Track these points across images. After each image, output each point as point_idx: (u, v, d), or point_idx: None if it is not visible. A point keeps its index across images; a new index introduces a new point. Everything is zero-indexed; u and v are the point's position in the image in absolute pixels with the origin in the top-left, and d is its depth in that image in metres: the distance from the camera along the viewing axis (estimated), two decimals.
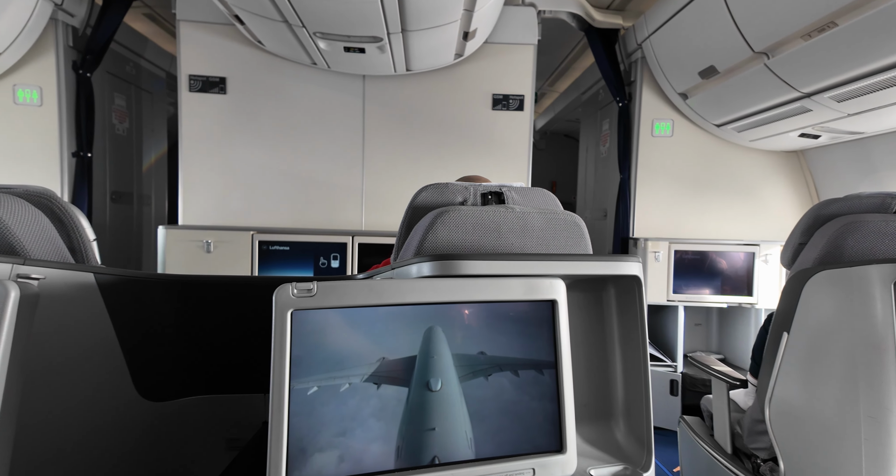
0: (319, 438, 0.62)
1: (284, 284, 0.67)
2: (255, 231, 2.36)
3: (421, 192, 0.99)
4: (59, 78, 2.37)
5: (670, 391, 2.61)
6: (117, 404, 0.95)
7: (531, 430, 0.63)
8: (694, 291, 2.61)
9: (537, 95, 3.19)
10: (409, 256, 0.86)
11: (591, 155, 3.71)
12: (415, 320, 0.67)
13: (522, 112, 2.65)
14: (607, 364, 0.86)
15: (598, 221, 3.43)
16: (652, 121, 2.77)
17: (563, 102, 4.29)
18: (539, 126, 5.29)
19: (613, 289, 0.86)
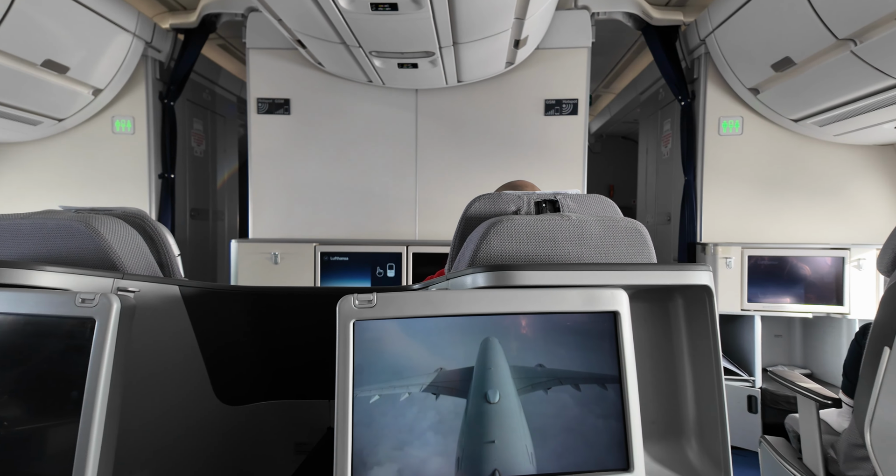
0: (381, 446, 0.63)
1: (347, 296, 0.70)
2: (318, 243, 2.48)
3: (474, 202, 0.99)
4: (148, 108, 2.65)
5: (748, 408, 2.40)
6: (199, 407, 1.03)
7: (595, 446, 0.61)
8: (772, 300, 2.40)
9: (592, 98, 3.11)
10: (463, 267, 0.87)
11: (651, 157, 3.55)
12: (471, 331, 0.67)
13: (576, 116, 2.60)
14: (676, 378, 0.81)
15: (660, 226, 3.26)
16: (719, 119, 2.61)
17: (619, 104, 4.15)
18: (594, 129, 5.14)
19: (681, 299, 0.81)
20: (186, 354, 1.01)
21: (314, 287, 2.36)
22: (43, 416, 0.67)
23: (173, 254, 1.11)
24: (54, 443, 0.66)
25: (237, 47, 3.39)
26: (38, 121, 2.37)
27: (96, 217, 0.94)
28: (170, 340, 0.98)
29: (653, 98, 3.40)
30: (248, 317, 1.11)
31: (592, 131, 5.17)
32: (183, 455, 0.99)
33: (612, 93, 4.36)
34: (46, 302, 0.70)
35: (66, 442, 0.64)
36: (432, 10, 1.66)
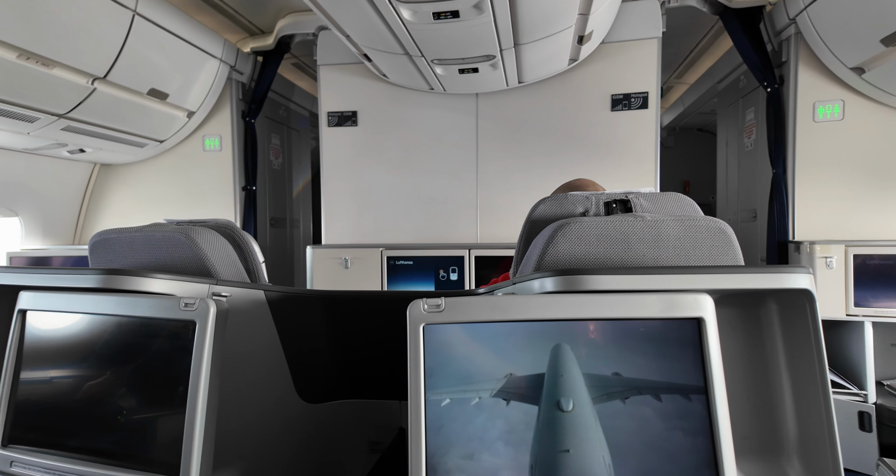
0: (453, 449, 0.64)
1: (417, 300, 0.71)
2: (384, 248, 2.56)
3: (539, 205, 0.98)
4: (232, 126, 2.90)
5: (860, 426, 2.12)
6: (283, 404, 1.11)
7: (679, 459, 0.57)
8: (885, 304, 2.11)
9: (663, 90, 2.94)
10: (528, 271, 0.85)
11: (732, 149, 3.28)
12: (540, 337, 0.66)
13: (647, 110, 2.47)
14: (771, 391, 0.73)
15: (744, 224, 3.00)
16: (813, 104, 2.35)
17: (694, 94, 3.87)
18: (666, 122, 4.84)
19: (775, 304, 0.74)
20: (271, 354, 1.09)
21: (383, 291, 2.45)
22: (155, 408, 0.76)
23: (258, 261, 1.20)
24: (164, 432, 0.74)
25: (309, 65, 3.61)
26: (144, 143, 2.69)
27: (194, 229, 1.04)
28: (256, 341, 1.06)
29: (732, 86, 3.14)
30: (324, 319, 1.17)
31: (664, 125, 4.88)
32: (269, 447, 1.06)
33: (685, 83, 4.08)
34: (156, 306, 0.79)
35: (175, 431, 0.71)
36: (493, 14, 1.66)
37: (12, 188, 2.53)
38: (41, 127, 2.10)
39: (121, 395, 0.79)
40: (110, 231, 1.08)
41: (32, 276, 0.88)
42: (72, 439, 0.78)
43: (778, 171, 2.42)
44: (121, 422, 0.77)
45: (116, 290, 0.82)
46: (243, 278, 1.11)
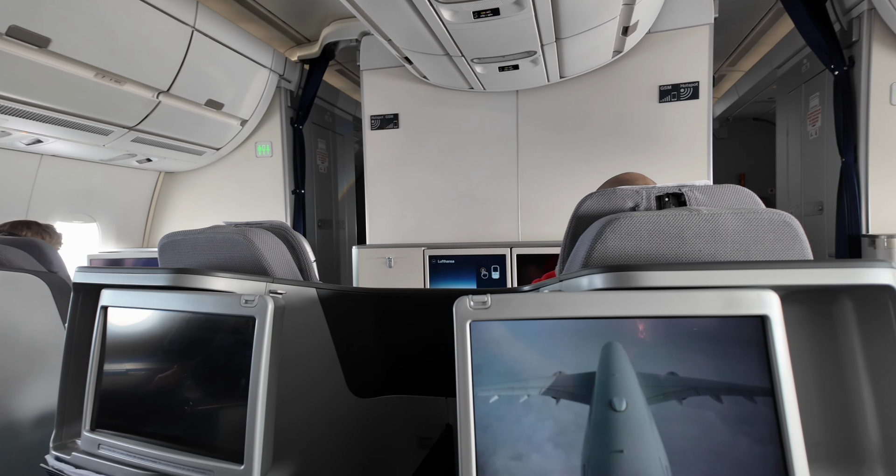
0: (503, 446, 0.64)
1: (463, 297, 0.72)
2: (426, 247, 2.59)
3: (585, 200, 0.96)
4: (282, 133, 3.03)
5: None
6: (334, 398, 1.15)
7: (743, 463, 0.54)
8: None
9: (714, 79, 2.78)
10: (575, 268, 0.84)
11: (794, 138, 3.06)
12: (590, 335, 0.65)
13: (698, 100, 2.35)
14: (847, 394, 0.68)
15: (809, 217, 2.79)
16: (890, 86, 2.16)
17: (749, 82, 3.65)
18: (718, 113, 4.59)
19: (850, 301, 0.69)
20: (323, 350, 1.13)
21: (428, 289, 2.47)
22: (220, 398, 0.81)
23: (310, 260, 1.25)
24: (229, 421, 0.78)
25: (352, 71, 3.71)
26: (202, 151, 2.86)
27: (251, 230, 1.10)
28: (309, 337, 1.10)
29: (794, 71, 2.93)
30: (372, 316, 1.20)
31: (716, 115, 4.62)
32: (323, 440, 1.10)
33: (738, 71, 3.86)
34: (219, 303, 0.84)
35: (238, 421, 0.76)
36: (534, 10, 1.64)
37: (91, 196, 2.77)
38: (114, 139, 2.29)
39: (189, 386, 0.84)
40: (176, 233, 1.16)
41: (112, 275, 0.96)
42: (148, 426, 0.84)
43: (848, 159, 2.24)
44: (190, 411, 0.83)
45: (184, 287, 0.88)
46: (296, 276, 1.16)
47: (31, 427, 1.44)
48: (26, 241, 1.61)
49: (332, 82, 3.83)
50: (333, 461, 1.12)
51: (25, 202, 2.41)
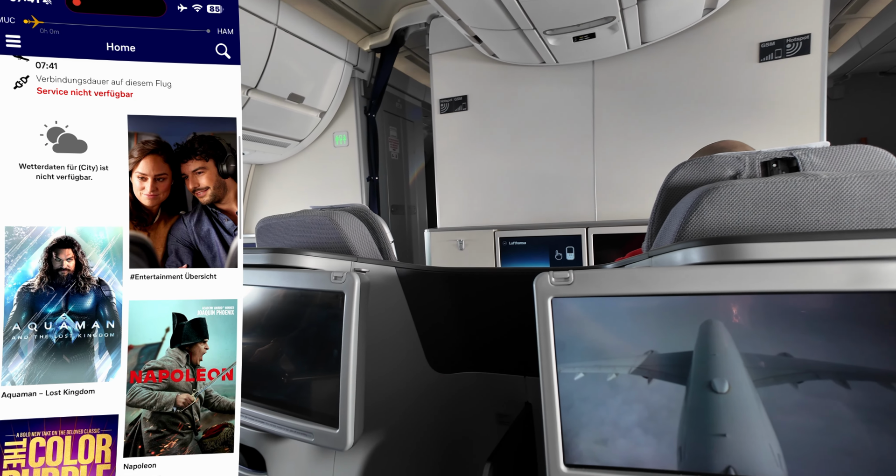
0: (589, 425, 0.62)
1: (543, 273, 0.71)
2: (497, 229, 2.57)
3: (677, 170, 0.89)
4: (357, 122, 3.14)
5: None
6: (415, 372, 1.19)
7: (883, 459, 0.48)
8: None
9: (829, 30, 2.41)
10: (666, 243, 0.79)
11: None
12: (687, 313, 0.61)
13: (808, 56, 2.06)
14: None
15: None
16: None
17: (874, 31, 3.13)
18: (832, 70, 4.00)
19: None
20: (403, 326, 1.18)
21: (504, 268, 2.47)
22: (316, 367, 0.87)
23: (388, 240, 1.30)
24: (324, 388, 0.85)
25: (421, 56, 3.73)
26: (286, 143, 3.06)
27: (335, 212, 1.16)
28: (390, 314, 1.15)
29: None
30: (448, 294, 1.23)
31: (830, 73, 4.03)
32: (405, 414, 1.15)
33: (862, 18, 3.31)
34: (312, 279, 0.90)
35: (332, 388, 0.82)
36: None
37: None
38: None
39: (289, 356, 0.92)
40: (271, 218, 1.26)
41: None
42: (256, 390, 0.94)
43: None
44: (290, 378, 0.91)
45: (280, 265, 0.96)
46: (377, 256, 1.21)
47: None
48: None
49: (402, 69, 3.88)
50: (416, 433, 1.17)
51: None
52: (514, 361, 1.22)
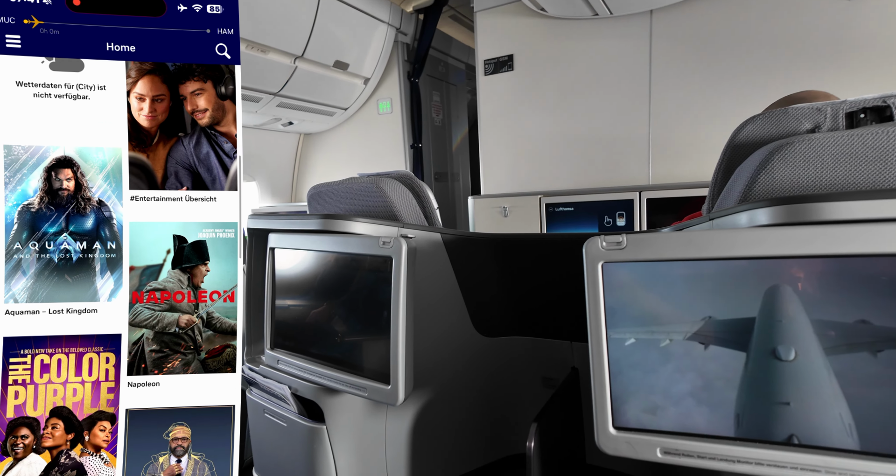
0: (640, 389, 0.62)
1: (594, 238, 0.68)
2: (542, 195, 2.50)
3: (745, 125, 0.81)
4: (400, 88, 3.11)
5: None
6: (461, 336, 1.22)
7: None
8: None
9: None
10: (731, 204, 0.73)
11: None
12: (750, 277, 0.57)
13: None
14: None
15: None
16: None
17: None
18: None
19: None
20: (449, 291, 1.19)
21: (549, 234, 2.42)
22: (367, 327, 0.91)
23: (433, 207, 1.30)
24: (375, 347, 0.88)
25: (465, 15, 3.59)
26: (332, 112, 3.09)
27: (382, 179, 1.18)
28: (436, 279, 1.17)
29: None
30: (493, 260, 1.23)
31: None
32: (451, 375, 1.19)
33: None
34: (361, 244, 0.92)
35: (383, 347, 0.85)
36: None
37: (249, 159, 3.22)
38: (263, 105, 2.59)
39: (341, 317, 0.97)
40: (321, 185, 1.29)
41: (275, 221, 1.12)
42: (312, 348, 1.00)
43: None
44: (343, 337, 0.95)
45: (331, 231, 0.99)
46: (422, 222, 1.22)
47: None
48: None
49: (446, 30, 3.76)
50: (463, 393, 1.21)
51: None
52: (560, 327, 1.22)
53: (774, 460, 0.50)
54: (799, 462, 0.48)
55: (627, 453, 0.61)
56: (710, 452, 0.55)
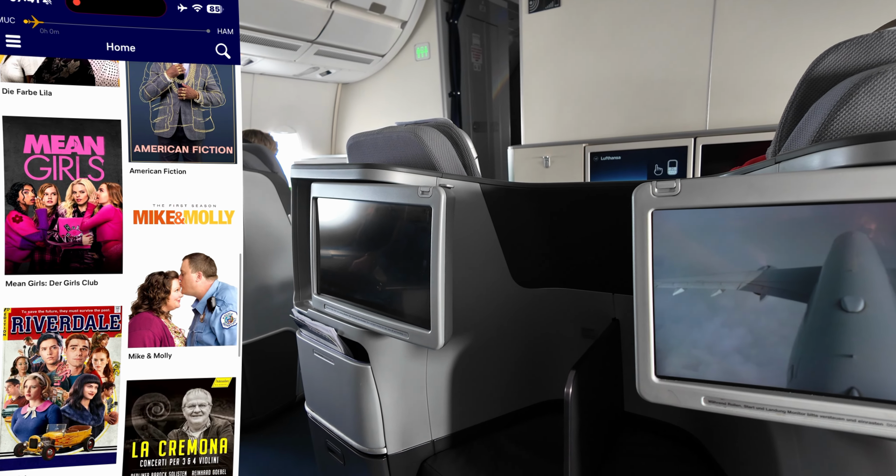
0: (685, 340, 0.60)
1: (644, 183, 0.64)
2: (587, 143, 2.39)
3: (827, 54, 0.72)
4: (438, 31, 2.97)
5: None
6: (499, 286, 1.22)
7: None
8: None
9: None
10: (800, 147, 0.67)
11: None
12: (819, 224, 0.53)
13: None
14: None
15: None
16: None
17: None
18: None
19: None
20: (487, 241, 1.19)
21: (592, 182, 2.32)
22: (408, 275, 0.93)
23: (472, 156, 1.27)
24: (416, 293, 0.90)
25: None
26: (369, 59, 3.02)
27: (420, 128, 1.15)
28: (474, 229, 1.16)
29: None
30: (534, 211, 1.20)
31: None
32: (488, 325, 1.21)
33: None
34: (400, 193, 0.92)
35: (424, 294, 0.87)
36: None
37: (290, 110, 3.24)
38: (301, 54, 2.56)
39: (383, 265, 0.99)
40: (360, 135, 1.28)
41: (317, 170, 1.14)
42: (357, 294, 1.04)
43: None
44: (385, 284, 0.98)
45: (370, 181, 0.99)
46: (461, 172, 1.20)
47: (278, 290, 1.93)
48: (255, 147, 2.00)
49: None
50: (502, 341, 1.23)
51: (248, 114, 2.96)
52: (602, 278, 1.20)
53: (830, 412, 0.48)
54: (858, 414, 0.46)
55: (669, 401, 0.60)
56: (758, 402, 0.54)
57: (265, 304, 1.88)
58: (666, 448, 1.11)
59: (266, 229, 1.85)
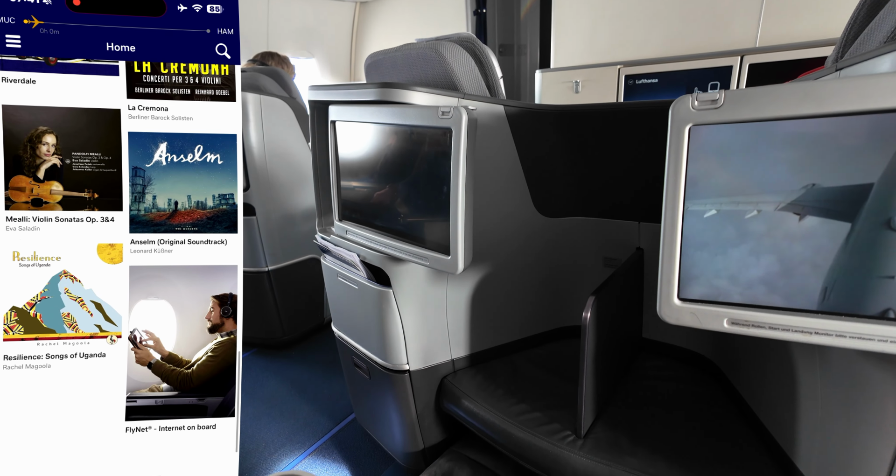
0: (714, 262, 0.58)
1: (684, 96, 0.59)
2: (622, 65, 2.20)
3: None
4: None
5: None
6: (521, 215, 1.20)
7: None
8: None
9: None
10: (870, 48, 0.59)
11: None
12: (879, 136, 0.48)
13: None
14: None
15: None
16: None
17: None
18: None
19: None
20: (510, 168, 1.15)
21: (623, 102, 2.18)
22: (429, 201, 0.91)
23: (497, 76, 1.19)
24: (436, 221, 0.89)
25: None
26: None
27: (441, 43, 1.07)
28: (497, 154, 1.12)
29: None
30: (559, 134, 1.14)
31: None
32: (509, 253, 1.20)
33: None
34: (419, 114, 0.88)
35: (444, 221, 0.86)
36: None
37: (307, 33, 3.08)
38: None
39: (403, 190, 0.97)
40: (378, 53, 1.21)
41: (335, 92, 1.09)
42: (377, 220, 1.04)
43: None
44: (406, 211, 0.97)
45: (388, 101, 0.95)
46: (484, 93, 1.13)
47: (303, 218, 1.96)
48: (273, 70, 1.93)
49: None
50: (522, 268, 1.23)
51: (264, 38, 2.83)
52: (628, 206, 1.16)
53: (860, 333, 0.47)
54: (890, 335, 0.45)
55: (691, 323, 0.60)
56: (783, 324, 0.52)
57: (290, 233, 1.93)
58: (682, 371, 1.14)
59: (287, 158, 1.84)
